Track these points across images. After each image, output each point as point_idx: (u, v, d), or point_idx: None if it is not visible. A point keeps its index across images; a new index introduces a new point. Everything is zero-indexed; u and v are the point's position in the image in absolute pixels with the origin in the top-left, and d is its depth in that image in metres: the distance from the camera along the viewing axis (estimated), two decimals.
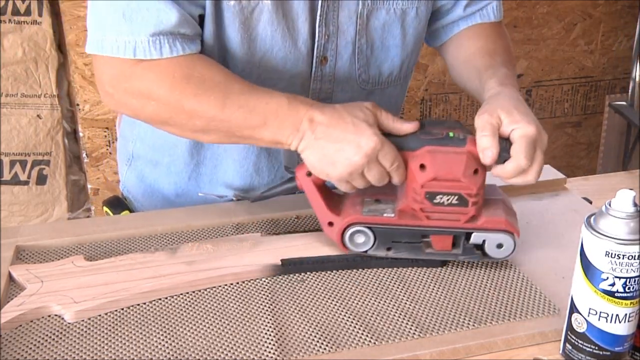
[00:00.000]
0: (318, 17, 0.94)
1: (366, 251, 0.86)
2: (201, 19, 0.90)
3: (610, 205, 0.66)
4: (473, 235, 0.84)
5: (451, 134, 0.82)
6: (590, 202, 1.04)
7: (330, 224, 0.86)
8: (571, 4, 2.49)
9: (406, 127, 0.83)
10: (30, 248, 0.91)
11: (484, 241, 0.84)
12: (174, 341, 0.74)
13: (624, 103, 2.52)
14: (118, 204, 1.12)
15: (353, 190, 0.84)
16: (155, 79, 0.85)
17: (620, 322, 0.67)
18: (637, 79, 2.45)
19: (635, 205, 0.65)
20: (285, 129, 0.83)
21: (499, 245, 0.84)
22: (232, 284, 0.84)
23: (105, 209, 1.13)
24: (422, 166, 0.81)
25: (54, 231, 0.94)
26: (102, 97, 0.90)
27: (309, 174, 0.85)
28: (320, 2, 0.93)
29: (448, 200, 0.82)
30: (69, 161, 2.17)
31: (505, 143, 0.81)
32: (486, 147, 0.80)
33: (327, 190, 0.88)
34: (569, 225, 0.97)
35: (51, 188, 2.15)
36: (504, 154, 0.80)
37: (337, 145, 0.80)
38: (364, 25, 0.98)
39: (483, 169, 0.82)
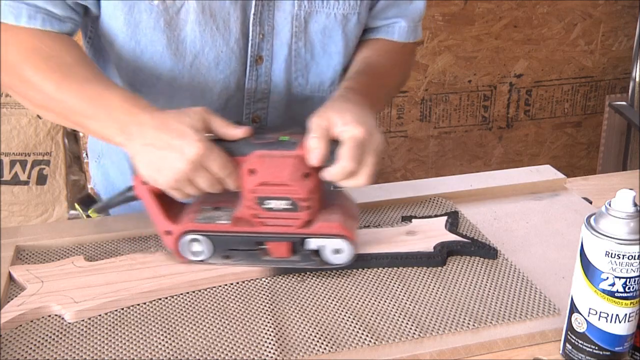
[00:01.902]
0: (252, 16, 0.93)
1: (203, 260, 0.85)
2: (83, 8, 0.92)
3: (610, 205, 0.66)
4: (308, 241, 0.82)
5: (284, 138, 0.81)
6: (590, 202, 1.04)
7: (168, 232, 0.84)
8: (571, 4, 2.49)
9: (236, 132, 0.81)
10: (30, 248, 0.91)
11: (320, 247, 0.83)
12: (174, 341, 0.74)
13: (624, 103, 2.52)
14: (89, 202, 1.13)
15: (187, 197, 0.82)
16: (8, 44, 0.87)
17: (620, 322, 0.67)
18: (637, 79, 2.45)
19: (635, 205, 0.65)
20: (112, 126, 0.82)
21: (336, 251, 0.83)
22: (232, 284, 0.84)
23: (77, 206, 1.13)
24: (251, 171, 0.80)
25: (54, 231, 0.94)
26: None
27: (145, 182, 0.83)
28: (254, 1, 0.92)
29: (279, 205, 0.80)
30: (69, 161, 2.17)
31: (335, 145, 0.79)
32: (313, 149, 0.78)
33: (167, 199, 0.84)
34: (569, 225, 0.97)
35: (51, 188, 2.15)
36: (332, 156, 0.78)
37: (162, 152, 0.78)
38: (301, 27, 0.96)
39: (315, 172, 0.80)
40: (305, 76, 1.01)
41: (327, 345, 0.73)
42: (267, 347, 0.73)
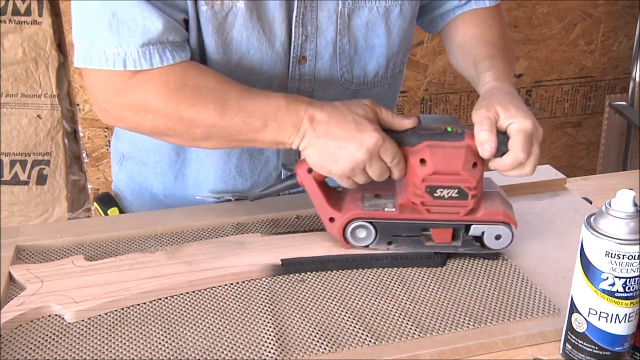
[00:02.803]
0: (294, 18, 0.93)
1: (367, 245, 0.87)
2: (186, 24, 0.89)
3: (610, 205, 0.66)
4: (472, 227, 0.85)
5: (449, 129, 0.84)
6: (590, 202, 1.04)
7: (332, 219, 0.87)
8: (571, 4, 2.49)
9: (406, 122, 0.85)
10: (30, 248, 0.91)
11: (482, 233, 0.86)
12: (174, 341, 0.74)
13: (624, 103, 2.52)
14: (108, 201, 1.13)
15: (354, 185, 0.85)
16: (149, 91, 0.84)
17: (620, 322, 0.67)
18: (637, 79, 2.45)
19: (635, 205, 0.65)
20: (286, 130, 0.83)
21: (497, 237, 0.86)
22: (232, 284, 0.84)
23: (95, 205, 1.13)
24: (422, 160, 0.83)
25: (54, 231, 0.94)
26: (97, 113, 0.89)
27: (310, 170, 0.86)
28: (296, 2, 0.92)
29: (448, 193, 0.83)
30: (69, 161, 2.17)
31: (502, 137, 0.82)
32: (485, 141, 0.81)
33: (327, 187, 0.89)
34: (569, 225, 0.97)
35: (51, 188, 2.15)
36: (501, 147, 0.82)
37: (339, 143, 0.82)
38: (345, 24, 0.96)
39: (481, 162, 0.83)
40: (350, 71, 1.01)
41: (327, 345, 0.73)
42: (267, 347, 0.73)
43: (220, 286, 0.84)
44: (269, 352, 0.72)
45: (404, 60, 1.09)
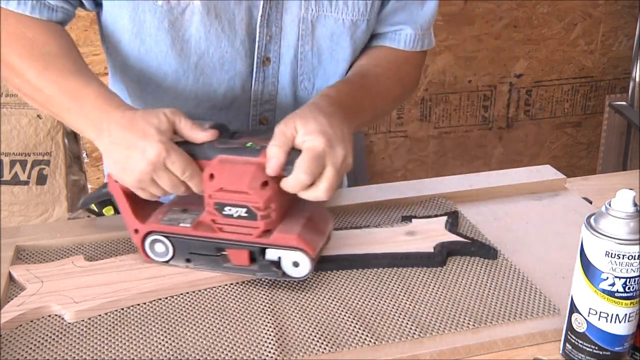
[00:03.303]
0: (259, 18, 0.92)
1: (167, 261, 0.85)
2: (81, 4, 0.92)
3: (610, 205, 0.66)
4: (267, 251, 0.81)
5: (249, 144, 0.80)
6: (590, 202, 1.04)
7: (136, 231, 0.84)
8: (571, 4, 2.49)
9: (201, 135, 0.80)
10: (30, 248, 0.91)
11: (279, 258, 0.80)
12: (174, 341, 0.74)
13: (624, 103, 2.52)
14: (103, 200, 1.13)
15: (154, 198, 0.82)
16: None
17: (620, 322, 0.67)
18: (637, 79, 2.45)
19: (635, 205, 0.65)
20: (85, 121, 0.83)
21: (295, 264, 0.80)
22: (232, 284, 0.84)
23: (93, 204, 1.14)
24: (211, 175, 0.79)
25: (54, 231, 0.94)
26: None
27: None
28: (262, 2, 0.92)
29: (237, 212, 0.79)
30: (69, 161, 2.17)
31: (295, 155, 0.77)
32: (271, 157, 0.77)
33: (140, 197, 0.84)
34: (569, 225, 0.97)
35: (51, 188, 2.15)
36: (289, 166, 0.77)
37: (127, 152, 0.79)
38: (308, 31, 0.95)
39: (275, 181, 0.78)
40: (311, 80, 1.00)
41: (327, 345, 0.73)
42: (267, 347, 0.73)
43: (220, 286, 0.84)
44: (269, 352, 0.72)
45: None
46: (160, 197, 0.83)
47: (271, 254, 0.81)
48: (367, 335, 0.75)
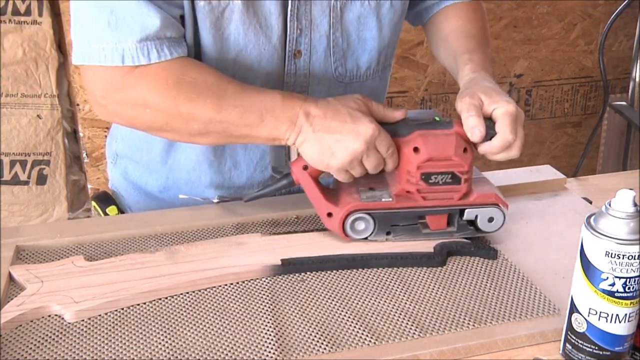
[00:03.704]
0: (289, 12, 0.94)
1: (367, 237, 0.89)
2: (182, 20, 0.90)
3: (610, 205, 0.66)
4: (466, 211, 0.88)
5: (437, 118, 0.88)
6: (590, 202, 1.04)
7: (329, 214, 0.88)
8: (571, 4, 2.49)
9: (397, 114, 0.88)
10: (30, 248, 0.91)
11: (476, 216, 0.89)
12: (174, 341, 0.74)
13: (624, 103, 2.52)
14: (106, 200, 1.13)
15: (351, 179, 0.87)
16: (147, 86, 0.85)
17: (620, 322, 0.67)
18: (637, 79, 2.45)
19: (635, 205, 0.65)
20: (282, 125, 0.85)
21: (490, 219, 0.89)
22: (232, 284, 0.84)
23: (94, 203, 1.14)
24: (415, 149, 0.86)
25: (54, 231, 0.94)
26: (95, 109, 0.90)
27: (305, 167, 0.87)
28: None
29: (442, 179, 0.86)
30: (69, 161, 2.17)
31: (489, 122, 0.86)
32: (474, 126, 0.85)
33: (321, 184, 0.90)
34: (569, 225, 0.97)
35: (51, 188, 2.14)
36: (489, 131, 0.85)
37: (336, 136, 0.83)
38: (338, 18, 0.98)
39: (471, 147, 0.87)
40: (343, 65, 1.02)
41: (327, 345, 0.73)
42: (267, 347, 0.73)
43: (220, 286, 0.84)
44: (269, 352, 0.72)
45: (393, 52, 1.11)
46: (353, 178, 0.87)
47: (469, 214, 0.89)
48: (367, 335, 0.75)
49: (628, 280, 0.66)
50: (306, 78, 1.00)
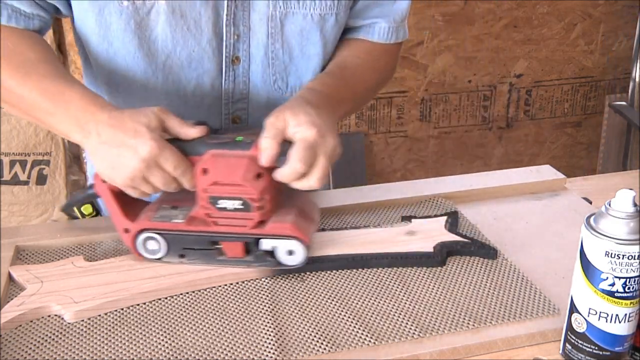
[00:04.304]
0: (225, 17, 0.93)
1: (160, 258, 0.85)
2: (54, 8, 0.92)
3: (610, 205, 0.66)
4: (262, 241, 0.82)
5: (239, 138, 0.81)
6: (590, 202, 1.04)
7: (126, 230, 0.85)
8: (571, 4, 2.49)
9: (192, 132, 0.81)
10: (30, 248, 0.91)
11: (274, 247, 0.83)
12: (174, 341, 0.74)
13: (624, 103, 2.53)
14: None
15: (145, 196, 0.83)
16: None
17: (620, 322, 0.67)
18: (637, 79, 2.45)
19: (635, 205, 0.65)
20: (70, 123, 0.83)
21: (290, 252, 0.83)
22: (232, 284, 0.84)
23: None
24: (204, 170, 0.80)
25: (54, 231, 0.94)
26: None
27: (104, 180, 0.84)
28: (226, 1, 0.92)
29: (232, 205, 0.80)
30: (69, 161, 2.17)
31: (287, 146, 0.79)
32: (264, 149, 0.79)
33: (127, 197, 0.84)
34: (569, 225, 0.97)
35: (51, 188, 2.15)
36: (282, 157, 0.78)
37: (117, 150, 0.79)
38: (277, 29, 0.95)
39: (268, 173, 0.80)
40: (284, 79, 1.00)
41: (327, 345, 0.73)
42: (267, 347, 0.73)
43: (220, 286, 0.84)
44: (269, 352, 0.72)
45: None
46: (150, 195, 0.83)
47: (266, 244, 0.82)
48: (367, 335, 0.75)
49: (628, 280, 0.66)
50: (246, 86, 0.98)
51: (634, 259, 0.65)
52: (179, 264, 0.85)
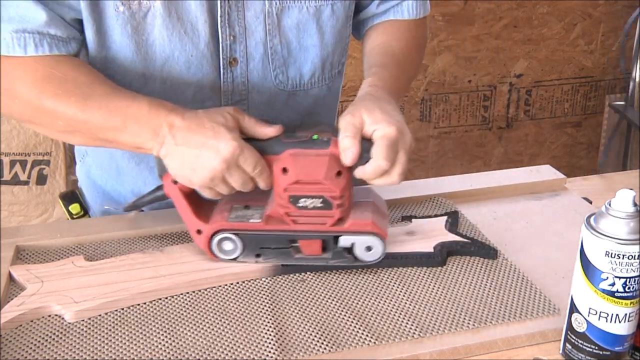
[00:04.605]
0: (219, 18, 0.92)
1: (235, 258, 0.85)
2: (80, 24, 0.90)
3: (610, 205, 0.66)
4: (341, 238, 0.83)
5: (315, 137, 0.81)
6: (590, 202, 1.04)
7: (199, 232, 0.85)
8: (571, 4, 2.49)
9: (268, 131, 0.82)
10: (30, 248, 0.91)
11: (352, 244, 0.83)
12: (174, 341, 0.74)
13: (624, 103, 2.52)
14: (71, 197, 1.13)
15: (219, 196, 0.83)
16: (18, 77, 0.85)
17: (620, 322, 0.67)
18: (637, 79, 2.45)
19: (635, 205, 0.65)
20: (144, 134, 0.82)
21: (368, 248, 0.83)
22: (232, 284, 0.84)
23: (60, 201, 1.14)
24: (284, 169, 0.80)
25: (54, 231, 0.94)
26: None
27: (175, 181, 0.84)
28: (219, 2, 0.91)
29: (312, 203, 0.81)
30: (68, 161, 2.17)
31: (367, 144, 0.79)
32: (347, 148, 0.79)
33: (196, 198, 0.85)
34: (569, 225, 0.97)
35: (51, 188, 2.14)
36: (365, 154, 0.79)
37: (197, 151, 0.79)
38: (274, 25, 0.96)
39: (347, 170, 0.80)
40: (285, 73, 1.00)
41: (327, 345, 0.73)
42: (267, 347, 0.73)
43: (220, 286, 0.84)
44: (269, 352, 0.72)
45: (342, 60, 1.07)
46: (224, 195, 0.83)
47: (344, 241, 0.83)
48: (367, 335, 0.75)
49: (628, 280, 0.66)
50: (245, 87, 0.98)
51: (634, 258, 0.65)
52: (255, 263, 0.85)
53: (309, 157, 0.80)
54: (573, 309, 0.70)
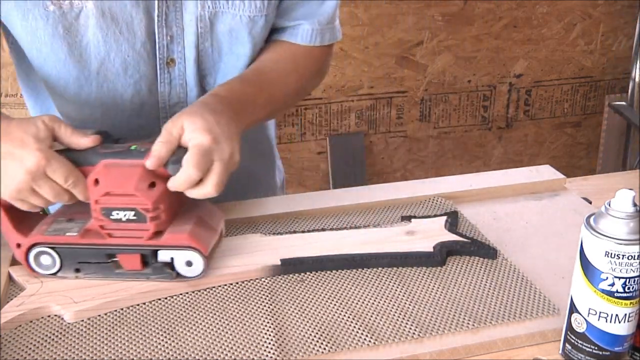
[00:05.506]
0: (156, 18, 0.91)
1: (55, 273, 0.82)
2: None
3: (610, 205, 0.66)
4: (160, 252, 0.80)
5: (134, 147, 0.79)
6: (590, 202, 1.04)
7: (19, 245, 0.82)
8: (571, 4, 2.49)
9: (84, 141, 0.79)
10: None
11: (172, 259, 0.81)
12: (174, 341, 0.74)
13: (623, 103, 2.53)
14: None
15: (36, 209, 0.80)
16: None
17: (620, 322, 0.67)
18: (637, 79, 2.45)
19: (635, 205, 0.65)
20: None
21: (188, 263, 0.81)
22: (231, 284, 0.84)
23: None
24: (96, 181, 0.78)
25: None
26: None
27: None
28: (157, 2, 0.90)
29: (125, 216, 0.78)
30: None
31: (182, 152, 0.77)
32: (153, 152, 0.77)
33: (21, 211, 0.81)
34: (569, 225, 0.97)
35: None
36: (177, 165, 0.77)
37: (4, 162, 0.76)
38: (207, 28, 0.94)
39: (163, 182, 0.78)
40: (213, 75, 0.98)
41: (327, 345, 0.73)
42: (267, 347, 0.73)
43: (219, 286, 0.84)
44: (269, 352, 0.73)
45: None
46: (42, 207, 0.80)
47: (163, 256, 0.80)
48: (367, 335, 0.75)
49: (628, 280, 0.66)
50: (183, 89, 0.97)
51: (634, 259, 0.65)
52: (75, 279, 0.82)
53: (121, 167, 0.78)
54: (573, 309, 0.70)
